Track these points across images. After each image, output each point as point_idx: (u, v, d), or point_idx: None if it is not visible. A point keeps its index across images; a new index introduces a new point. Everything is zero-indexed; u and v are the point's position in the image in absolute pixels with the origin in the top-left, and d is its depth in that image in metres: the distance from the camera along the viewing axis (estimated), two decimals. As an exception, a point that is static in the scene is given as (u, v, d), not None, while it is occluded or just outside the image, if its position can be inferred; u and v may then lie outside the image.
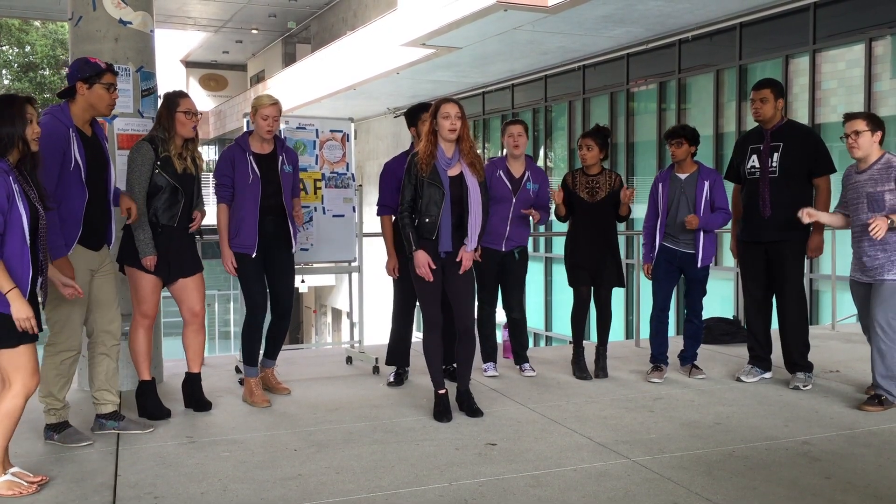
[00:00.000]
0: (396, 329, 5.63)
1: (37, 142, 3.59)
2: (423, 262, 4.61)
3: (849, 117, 4.94)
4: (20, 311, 3.40)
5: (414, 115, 5.52)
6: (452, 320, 4.87)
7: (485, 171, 4.80)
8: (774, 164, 5.36)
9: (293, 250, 5.15)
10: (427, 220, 4.61)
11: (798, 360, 5.46)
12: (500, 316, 5.96)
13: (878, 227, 4.60)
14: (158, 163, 4.58)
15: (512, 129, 5.64)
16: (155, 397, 4.76)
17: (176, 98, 4.66)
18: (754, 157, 5.47)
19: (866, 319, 5.01)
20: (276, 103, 4.98)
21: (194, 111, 4.69)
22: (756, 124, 5.62)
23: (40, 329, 3.56)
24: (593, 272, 5.72)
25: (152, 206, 4.61)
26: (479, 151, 4.79)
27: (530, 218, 5.69)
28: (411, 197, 4.65)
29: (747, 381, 5.55)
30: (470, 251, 4.71)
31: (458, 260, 4.71)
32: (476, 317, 5.87)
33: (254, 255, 4.96)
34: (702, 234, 5.56)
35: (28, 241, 3.48)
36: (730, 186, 5.75)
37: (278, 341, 5.31)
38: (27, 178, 3.54)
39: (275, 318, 5.26)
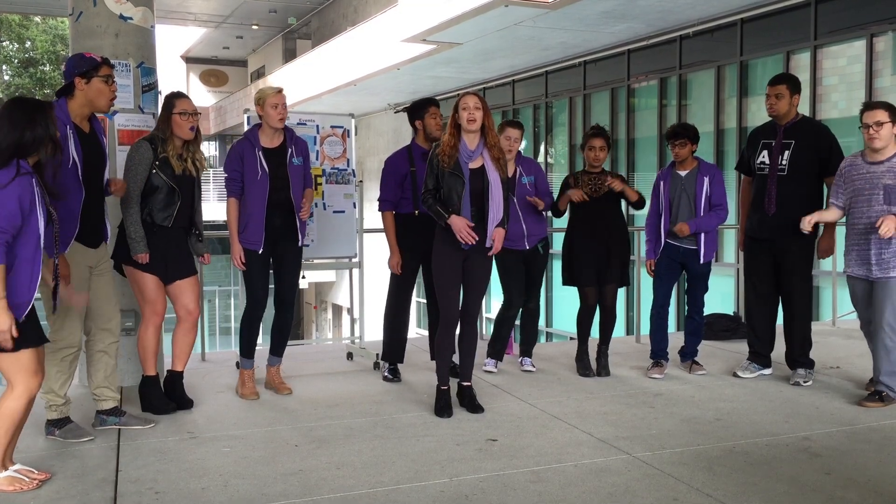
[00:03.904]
0: (391, 325, 5.63)
1: (59, 143, 3.65)
2: (461, 225, 4.55)
3: (868, 107, 4.86)
4: (2, 323, 3.37)
5: (419, 108, 5.53)
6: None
7: (506, 169, 4.75)
8: (784, 162, 5.32)
9: (299, 244, 5.15)
10: (451, 209, 4.61)
11: (799, 356, 5.46)
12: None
13: (888, 227, 4.54)
14: (157, 163, 4.58)
15: (511, 133, 5.60)
16: (159, 392, 4.79)
17: (172, 99, 4.66)
18: (765, 152, 5.43)
19: (867, 314, 4.99)
20: (281, 91, 5.01)
21: (191, 111, 4.66)
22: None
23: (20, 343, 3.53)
24: (597, 269, 5.69)
25: (147, 206, 4.61)
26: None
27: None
28: (434, 185, 4.66)
29: (744, 377, 5.55)
30: (500, 230, 4.67)
31: (488, 246, 4.68)
32: (498, 315, 5.84)
33: (260, 252, 4.98)
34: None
35: (42, 246, 3.50)
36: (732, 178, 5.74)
37: (283, 336, 5.30)
38: (41, 182, 3.55)
39: (277, 312, 5.26)
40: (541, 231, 5.74)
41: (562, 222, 6.08)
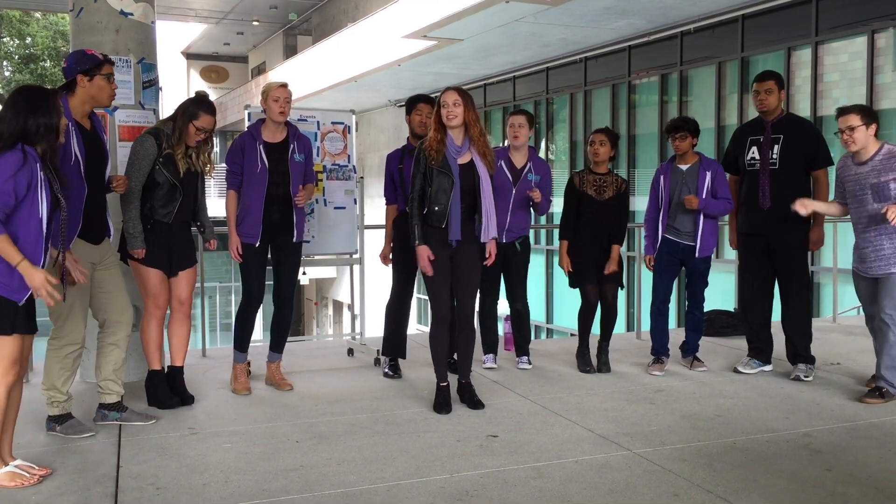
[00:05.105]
0: (392, 319, 5.64)
1: (64, 133, 3.67)
2: (423, 255, 4.62)
3: (841, 112, 4.90)
4: (34, 280, 3.41)
5: (408, 105, 5.60)
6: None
7: (495, 164, 4.77)
8: (775, 156, 5.36)
9: (294, 239, 5.16)
10: (436, 208, 4.60)
11: (801, 351, 5.47)
12: (502, 308, 5.95)
13: (894, 214, 4.57)
14: (160, 159, 4.58)
15: (513, 119, 5.64)
16: (164, 387, 4.79)
17: (198, 110, 4.62)
18: (754, 148, 5.46)
19: (871, 310, 5.00)
20: (285, 86, 5.03)
21: (207, 129, 4.66)
22: (754, 116, 5.61)
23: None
24: (598, 267, 5.66)
25: (149, 201, 4.61)
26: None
27: (531, 207, 5.67)
28: (420, 187, 4.64)
29: (745, 373, 5.55)
30: (492, 241, 4.72)
31: (487, 256, 4.74)
32: (478, 309, 5.87)
33: (257, 245, 4.99)
34: (702, 224, 5.54)
35: (45, 232, 3.51)
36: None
37: (282, 333, 5.32)
38: (50, 169, 3.57)
39: (275, 308, 5.28)
40: (523, 229, 5.73)
41: (557, 220, 6.04)
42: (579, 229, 5.72)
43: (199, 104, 4.66)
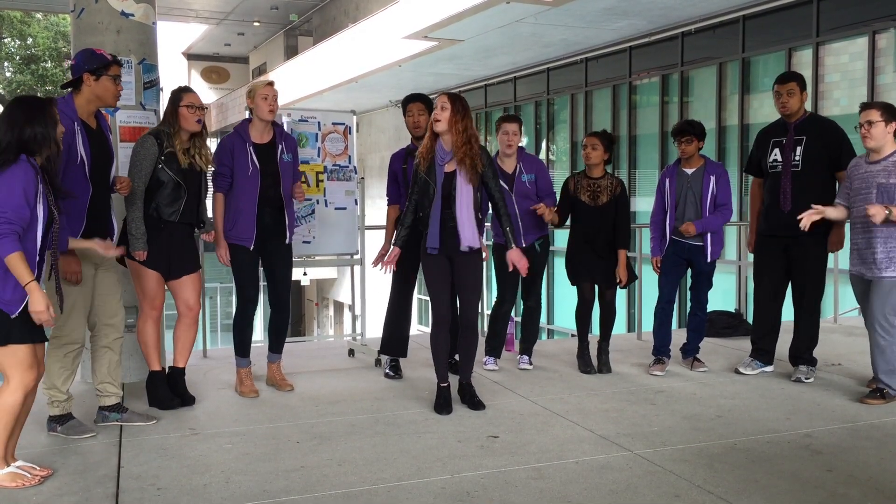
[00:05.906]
0: (391, 319, 5.63)
1: (68, 134, 3.67)
2: (392, 256, 4.75)
3: (864, 107, 4.87)
4: (37, 304, 3.43)
5: (403, 106, 5.65)
6: (457, 313, 4.89)
7: (483, 169, 4.63)
8: (797, 158, 5.30)
9: (287, 241, 5.14)
10: (421, 214, 4.66)
11: (804, 353, 5.46)
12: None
13: (876, 212, 4.58)
14: (163, 158, 4.58)
15: (507, 127, 5.59)
16: (165, 387, 4.79)
17: (179, 93, 4.67)
18: (776, 150, 5.41)
19: (867, 312, 5.00)
20: (272, 84, 5.03)
21: (198, 104, 4.67)
22: (776, 118, 5.55)
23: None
24: (594, 266, 5.66)
25: (154, 201, 4.61)
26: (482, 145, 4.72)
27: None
28: (416, 192, 4.68)
29: (746, 374, 5.55)
30: (513, 251, 4.71)
31: (463, 250, 4.69)
32: (491, 312, 5.87)
33: (251, 248, 4.97)
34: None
35: (39, 244, 3.52)
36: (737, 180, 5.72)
37: (281, 334, 5.31)
38: (47, 181, 3.57)
39: (272, 310, 5.26)
40: (539, 230, 5.70)
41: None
42: (574, 232, 5.75)
43: (178, 91, 4.70)
